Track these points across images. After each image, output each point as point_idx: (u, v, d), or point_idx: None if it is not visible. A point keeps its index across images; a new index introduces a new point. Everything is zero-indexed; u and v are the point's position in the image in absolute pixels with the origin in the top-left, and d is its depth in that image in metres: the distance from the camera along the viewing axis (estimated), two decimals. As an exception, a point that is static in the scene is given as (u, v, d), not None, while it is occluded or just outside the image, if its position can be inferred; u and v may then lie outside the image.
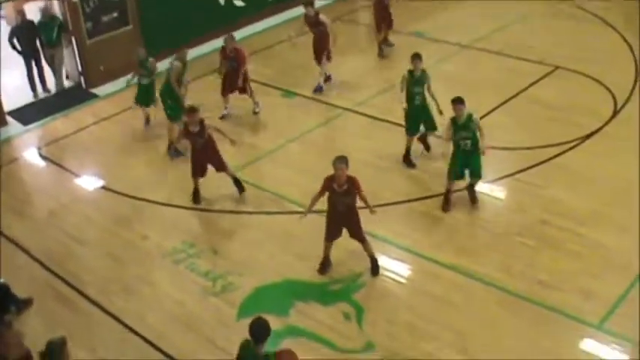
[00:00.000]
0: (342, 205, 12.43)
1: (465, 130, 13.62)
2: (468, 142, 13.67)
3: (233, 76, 17.91)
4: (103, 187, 16.33)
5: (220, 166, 15.10)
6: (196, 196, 15.30)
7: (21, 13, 20.97)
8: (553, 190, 14.49)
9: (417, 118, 15.58)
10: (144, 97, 18.04)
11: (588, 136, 16.06)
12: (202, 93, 18.81)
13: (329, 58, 19.13)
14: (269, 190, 15.35)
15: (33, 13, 21.25)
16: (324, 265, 13.00)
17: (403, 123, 15.86)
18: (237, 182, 15.25)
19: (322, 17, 18.81)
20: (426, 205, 14.53)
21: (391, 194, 14.78)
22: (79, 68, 21.10)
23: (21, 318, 12.56)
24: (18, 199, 16.25)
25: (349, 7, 24.80)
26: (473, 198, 14.33)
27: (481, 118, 14.34)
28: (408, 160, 15.77)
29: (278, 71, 20.53)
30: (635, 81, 18.21)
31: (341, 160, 12.09)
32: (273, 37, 22.37)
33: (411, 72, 15.32)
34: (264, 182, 15.60)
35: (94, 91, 20.74)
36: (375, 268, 12.90)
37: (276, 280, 12.97)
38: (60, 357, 9.95)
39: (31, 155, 18.08)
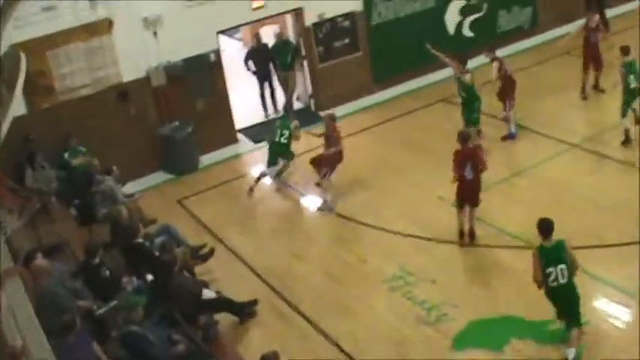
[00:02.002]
0: None
1: None
2: None
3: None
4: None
5: None
6: None
7: (257, 36, 21.77)
8: None
9: None
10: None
11: None
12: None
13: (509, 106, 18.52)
14: (491, 224, 15.12)
15: (268, 36, 22.00)
16: None
17: (631, 161, 15.36)
18: None
19: (497, 65, 18.46)
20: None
21: (615, 234, 14.19)
22: (309, 91, 21.64)
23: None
24: (244, 213, 16.83)
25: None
26: None
27: None
28: None
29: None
30: None
31: None
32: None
33: None
34: (487, 215, 15.32)
35: (323, 114, 21.07)
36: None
37: (491, 315, 12.74)
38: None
39: (258, 172, 18.65)
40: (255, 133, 20.51)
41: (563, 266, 11.04)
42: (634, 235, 14.00)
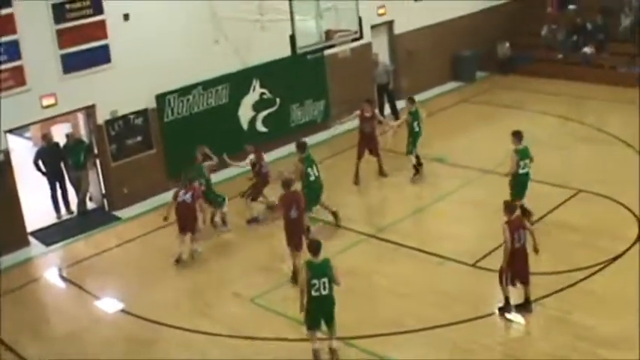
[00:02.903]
0: None
1: None
2: None
3: None
4: (123, 310, 16.21)
5: None
6: None
7: (47, 135, 21.25)
8: (579, 314, 14.18)
9: None
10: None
11: (614, 260, 15.83)
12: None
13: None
14: (288, 315, 15.12)
15: (60, 135, 21.53)
16: None
17: (424, 249, 16.29)
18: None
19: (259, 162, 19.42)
20: (450, 332, 14.18)
21: (414, 320, 14.52)
22: (103, 191, 21.22)
23: None
24: (37, 320, 16.15)
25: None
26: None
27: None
28: None
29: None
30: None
31: None
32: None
33: None
34: (288, 308, 15.34)
35: (117, 213, 20.80)
36: None
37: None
38: None
39: (51, 276, 18.08)
40: (47, 235, 19.86)
41: (325, 280, 12.92)
42: (431, 320, 14.39)
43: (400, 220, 18.73)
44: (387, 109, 25.97)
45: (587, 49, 28.39)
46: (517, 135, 17.61)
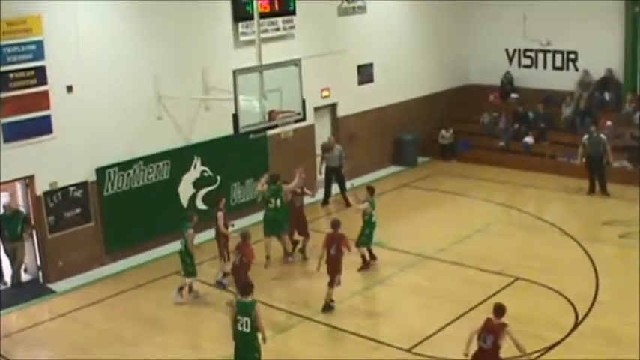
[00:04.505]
0: None
1: None
2: None
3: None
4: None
5: None
6: None
7: (-20, 206, 20.91)
8: (514, 404, 14.13)
9: None
10: None
11: (549, 349, 15.86)
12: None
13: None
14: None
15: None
16: None
17: (361, 333, 16.42)
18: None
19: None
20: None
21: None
22: (38, 262, 20.84)
23: None
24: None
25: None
26: None
27: (441, 329, 14.32)
28: None
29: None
30: (596, 292, 18.23)
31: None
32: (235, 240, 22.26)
33: None
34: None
35: (52, 286, 20.42)
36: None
37: None
38: None
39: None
40: (-21, 305, 19.41)
41: (247, 319, 13.97)
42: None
43: (337, 303, 18.58)
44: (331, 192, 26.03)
45: (527, 139, 28.88)
46: (370, 189, 20.69)
